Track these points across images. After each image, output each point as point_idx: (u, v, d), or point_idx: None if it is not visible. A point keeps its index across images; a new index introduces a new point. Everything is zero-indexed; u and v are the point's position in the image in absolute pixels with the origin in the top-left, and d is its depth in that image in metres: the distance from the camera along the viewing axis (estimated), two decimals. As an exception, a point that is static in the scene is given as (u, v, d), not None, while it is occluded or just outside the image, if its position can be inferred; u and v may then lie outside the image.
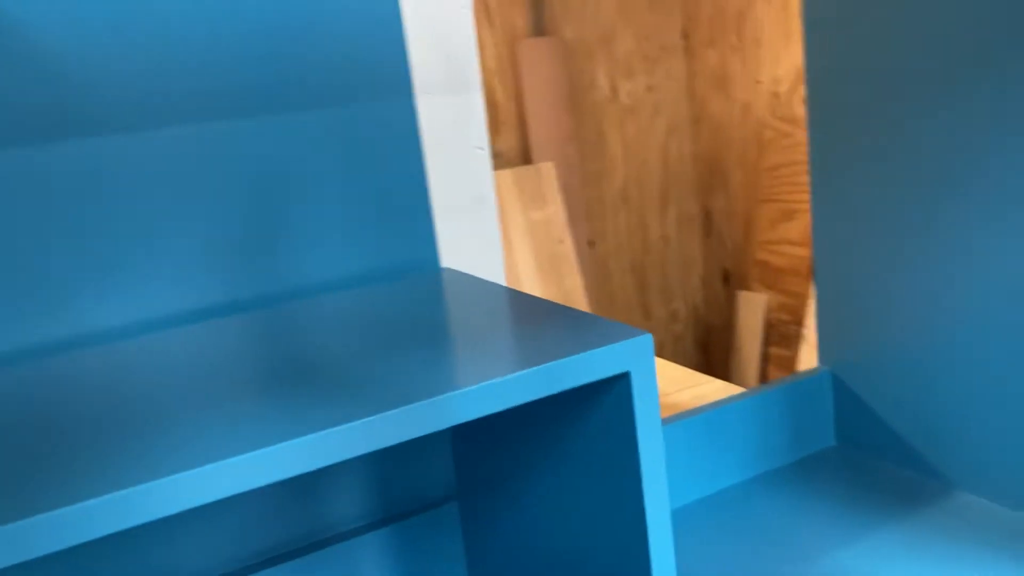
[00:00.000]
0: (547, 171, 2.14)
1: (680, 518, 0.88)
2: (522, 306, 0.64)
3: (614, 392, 0.55)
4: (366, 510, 0.77)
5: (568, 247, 2.14)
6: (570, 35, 2.24)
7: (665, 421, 0.90)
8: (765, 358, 2.29)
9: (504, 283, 0.80)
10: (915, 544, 0.79)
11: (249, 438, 0.45)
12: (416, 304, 0.67)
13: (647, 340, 0.53)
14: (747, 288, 2.37)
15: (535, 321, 0.60)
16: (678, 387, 1.27)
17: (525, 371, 0.51)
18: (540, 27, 2.19)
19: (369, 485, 0.78)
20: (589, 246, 2.34)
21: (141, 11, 0.64)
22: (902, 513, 0.84)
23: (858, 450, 0.96)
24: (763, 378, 2.28)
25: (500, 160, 2.16)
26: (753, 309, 2.27)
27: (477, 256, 0.79)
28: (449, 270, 0.76)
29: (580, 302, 2.16)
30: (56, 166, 0.63)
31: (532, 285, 2.09)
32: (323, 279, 0.74)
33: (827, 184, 0.92)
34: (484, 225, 0.79)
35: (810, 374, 0.96)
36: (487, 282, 0.71)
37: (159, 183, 0.67)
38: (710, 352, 2.57)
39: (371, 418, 0.47)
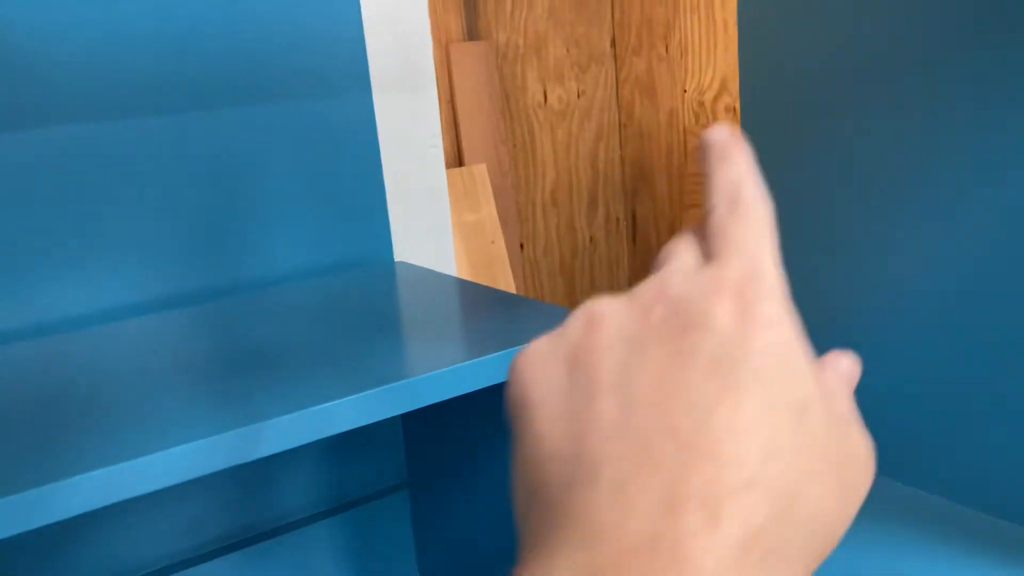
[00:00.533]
0: (480, 173, 2.16)
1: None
2: (474, 297, 0.66)
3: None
4: (316, 499, 0.78)
5: (501, 249, 2.17)
6: (502, 40, 2.27)
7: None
8: (689, 358, 2.35)
9: (456, 276, 0.83)
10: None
11: (200, 426, 0.46)
12: (370, 295, 0.69)
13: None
14: (672, 290, 2.44)
15: (484, 311, 0.63)
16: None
17: (476, 360, 0.53)
18: (473, 31, 2.22)
19: (319, 474, 0.79)
20: (519, 248, 2.37)
21: (98, 3, 0.64)
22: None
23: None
24: (687, 378, 2.35)
25: (433, 162, 2.18)
26: (678, 311, 2.34)
27: (430, 250, 0.81)
28: (403, 263, 0.78)
29: (511, 303, 2.19)
30: (13, 156, 0.63)
31: (464, 286, 2.11)
32: (279, 271, 0.75)
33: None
34: (437, 220, 0.82)
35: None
36: (440, 274, 0.73)
37: (116, 174, 0.67)
38: (636, 353, 2.63)
39: (324, 405, 0.48)
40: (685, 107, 2.32)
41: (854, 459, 0.26)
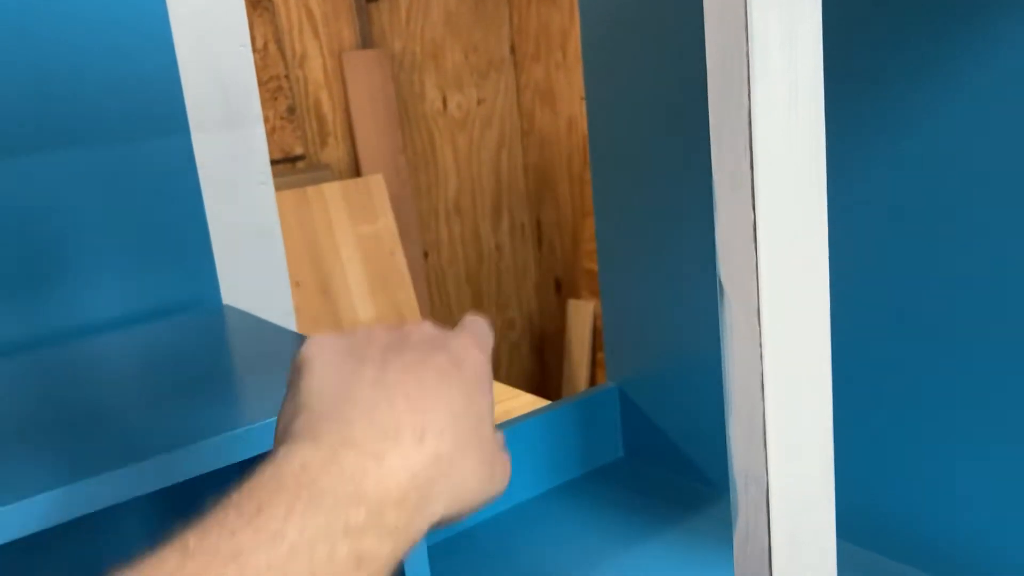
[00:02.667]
0: (376, 184, 2.14)
1: (478, 532, 0.91)
2: (293, 344, 0.65)
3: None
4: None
5: (400, 260, 2.16)
6: (398, 47, 2.25)
7: (462, 441, 0.93)
8: (594, 363, 2.37)
9: (292, 316, 0.81)
10: (691, 545, 0.85)
11: (27, 485, 0.45)
12: (189, 345, 0.68)
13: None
14: (577, 296, 2.45)
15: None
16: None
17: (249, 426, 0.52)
18: (368, 39, 2.20)
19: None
20: (423, 257, 2.36)
21: None
22: (678, 519, 0.90)
23: (643, 461, 1.02)
24: (593, 382, 2.37)
25: (328, 173, 2.15)
26: (582, 316, 2.35)
27: (263, 290, 0.80)
28: (229, 307, 0.76)
29: (414, 314, 2.18)
30: None
31: (363, 300, 2.09)
32: (99, 318, 0.73)
33: (607, 207, 0.98)
34: (270, 258, 0.80)
35: (599, 390, 1.01)
36: (263, 321, 0.72)
37: (-94, 226, 0.64)
38: (545, 358, 2.64)
39: (137, 464, 0.47)
40: (584, 115, 2.34)
41: (498, 464, 0.41)
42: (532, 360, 2.63)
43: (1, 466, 0.49)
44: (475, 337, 0.42)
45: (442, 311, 2.43)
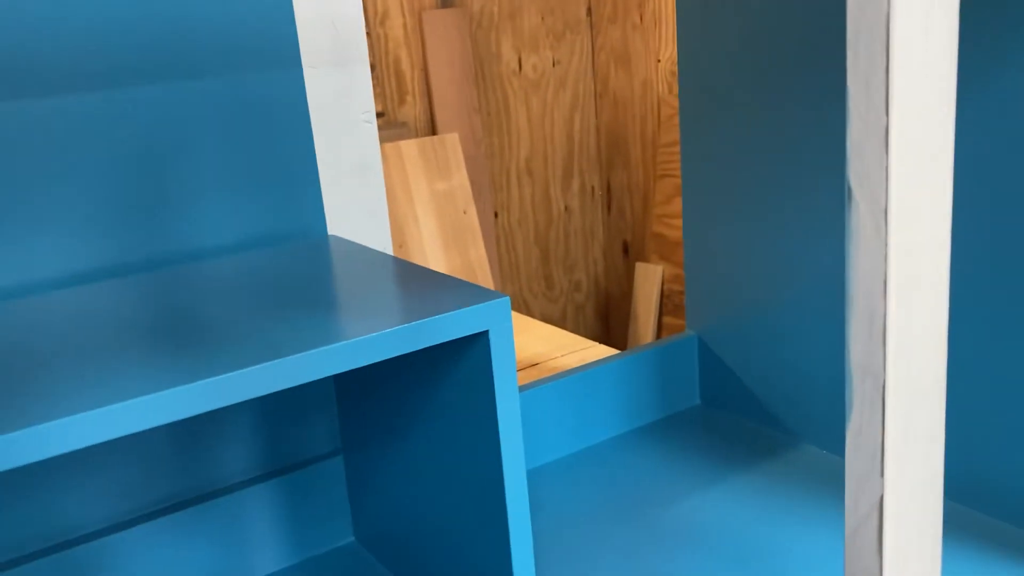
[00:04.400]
0: (452, 142, 2.17)
1: (556, 469, 0.95)
2: (397, 271, 0.68)
3: (475, 349, 0.60)
4: (252, 464, 0.81)
5: (473, 218, 2.19)
6: (477, 8, 2.27)
7: (544, 380, 0.96)
8: (660, 327, 2.38)
9: (390, 249, 0.85)
10: (762, 489, 0.87)
11: (130, 387, 0.48)
12: (299, 268, 0.71)
13: (505, 302, 0.59)
14: (645, 260, 2.46)
15: (407, 285, 0.65)
16: (564, 351, 1.34)
17: (393, 329, 0.55)
18: (447, -1, 2.22)
19: (255, 440, 0.81)
20: (494, 217, 2.39)
21: (26, -21, 0.66)
22: (753, 463, 0.92)
23: (720, 409, 1.04)
24: (658, 346, 2.38)
25: (405, 130, 2.19)
26: (649, 280, 2.36)
27: (363, 223, 0.83)
28: (334, 237, 0.80)
29: (484, 272, 2.21)
30: (-60, 128, 0.64)
31: (436, 255, 2.13)
32: (212, 244, 0.77)
33: (695, 161, 0.99)
34: (370, 193, 0.83)
35: (678, 338, 1.03)
36: (367, 248, 0.75)
37: (46, 150, 0.68)
38: (610, 321, 2.66)
39: (247, 369, 0.51)
40: (659, 77, 2.33)
41: None
42: (597, 322, 2.65)
43: (126, 367, 0.53)
44: None
45: (511, 271, 2.46)
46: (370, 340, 0.55)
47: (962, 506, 0.80)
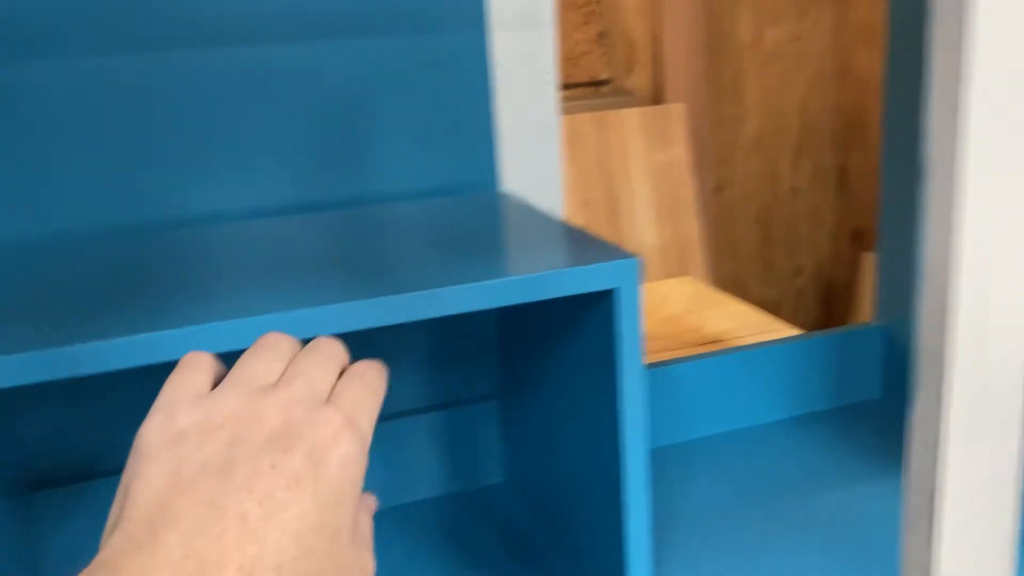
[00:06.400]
0: (677, 113, 2.15)
1: (711, 444, 0.94)
2: (553, 228, 0.71)
3: (602, 308, 0.62)
4: (418, 396, 0.88)
5: (689, 192, 2.16)
6: (717, -23, 2.22)
7: (710, 354, 0.96)
8: (884, 321, 2.24)
9: (561, 209, 0.88)
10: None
11: (311, 298, 0.55)
12: (465, 218, 0.76)
13: (633, 263, 0.60)
14: (875, 249, 2.32)
15: (556, 240, 0.68)
16: (751, 331, 1.31)
17: (518, 277, 0.58)
18: (687, -33, 2.19)
19: (423, 376, 0.88)
20: (714, 192, 2.34)
21: (248, -58, 0.74)
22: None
23: (902, 404, 0.98)
24: (879, 341, 2.24)
25: (630, 99, 2.19)
26: (876, 270, 2.23)
27: (536, 183, 0.87)
28: (504, 193, 0.84)
29: (696, 247, 2.18)
30: (173, 73, 0.75)
31: (647, 226, 2.13)
32: (393, 190, 0.83)
33: (896, 148, 0.93)
34: (546, 154, 0.86)
35: (860, 326, 0.98)
36: (533, 206, 0.78)
37: (259, 95, 0.77)
38: (831, 310, 2.53)
39: (410, 293, 0.56)
40: (909, 54, 2.17)
41: (356, 571, 0.33)
42: (818, 310, 2.54)
43: (308, 286, 0.59)
44: (348, 414, 0.34)
45: (728, 249, 2.41)
46: (495, 285, 0.58)
47: None
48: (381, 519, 0.85)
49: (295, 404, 0.33)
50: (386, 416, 0.86)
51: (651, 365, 0.92)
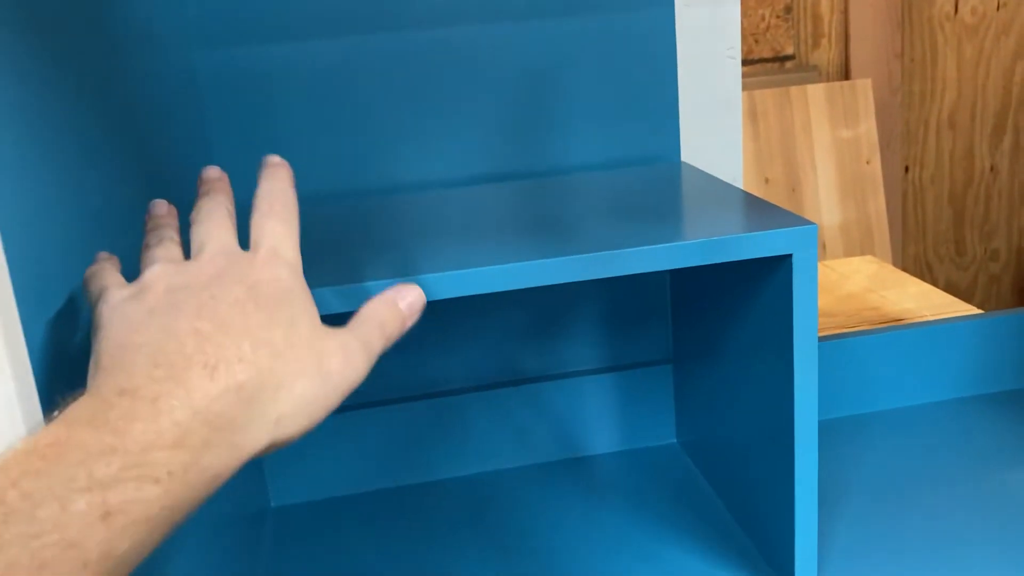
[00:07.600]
0: (863, 88, 2.09)
1: (889, 418, 0.94)
2: (732, 197, 0.74)
3: (779, 273, 0.64)
4: (594, 357, 0.93)
5: (876, 169, 2.09)
6: (914, -54, 2.12)
7: (892, 328, 0.95)
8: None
9: (740, 181, 0.90)
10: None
11: (502, 255, 0.61)
12: (647, 187, 0.80)
13: (812, 229, 0.62)
14: (1081, 233, 2.16)
15: (735, 208, 0.71)
16: (934, 311, 1.27)
17: (707, 239, 0.61)
18: (881, -63, 2.10)
19: (600, 337, 0.93)
20: (903, 171, 2.25)
21: (454, -69, 0.80)
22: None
23: (1094, 390, 0.94)
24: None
25: (815, 75, 2.14)
26: (1082, 256, 2.08)
27: (717, 155, 0.89)
28: (686, 164, 0.87)
29: (882, 227, 2.11)
30: (394, 55, 0.83)
31: (831, 204, 2.08)
32: (579, 161, 0.88)
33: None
34: (728, 126, 0.89)
35: (1053, 307, 0.95)
36: (713, 176, 0.81)
37: (459, 74, 0.84)
38: (1029, 298, 2.39)
39: (581, 255, 0.60)
40: None
41: (332, 357, 0.39)
42: (1013, 297, 2.40)
43: (505, 244, 0.65)
44: (269, 248, 0.41)
45: (914, 230, 2.31)
46: (676, 247, 0.61)
47: None
48: (557, 469, 0.91)
49: (216, 258, 0.40)
50: (566, 374, 0.92)
51: (830, 337, 0.93)
